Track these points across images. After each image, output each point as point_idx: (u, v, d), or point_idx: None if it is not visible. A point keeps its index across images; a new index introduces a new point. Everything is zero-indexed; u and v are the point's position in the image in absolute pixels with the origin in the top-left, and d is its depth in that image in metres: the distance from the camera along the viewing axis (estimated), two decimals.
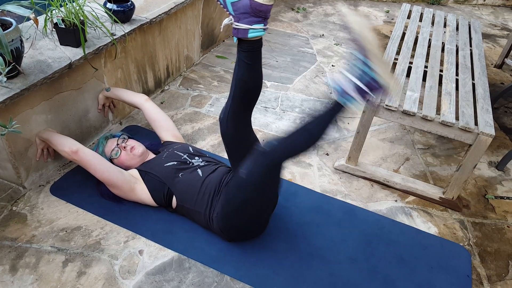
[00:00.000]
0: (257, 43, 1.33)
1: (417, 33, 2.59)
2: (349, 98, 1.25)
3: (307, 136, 1.31)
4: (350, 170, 2.05)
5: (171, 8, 2.32)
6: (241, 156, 1.53)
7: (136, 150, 1.76)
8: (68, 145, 1.64)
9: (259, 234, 1.66)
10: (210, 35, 3.01)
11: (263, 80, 2.79)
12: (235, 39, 1.32)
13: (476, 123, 1.76)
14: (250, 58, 1.34)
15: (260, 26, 1.28)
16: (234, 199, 1.46)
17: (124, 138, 1.81)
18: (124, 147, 1.76)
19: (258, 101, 2.56)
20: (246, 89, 1.40)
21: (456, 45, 2.49)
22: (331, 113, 1.29)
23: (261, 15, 1.25)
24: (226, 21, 1.31)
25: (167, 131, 1.94)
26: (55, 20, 1.79)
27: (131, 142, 1.79)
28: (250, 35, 1.28)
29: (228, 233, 1.57)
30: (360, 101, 1.25)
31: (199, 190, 1.59)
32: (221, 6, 1.31)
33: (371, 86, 1.21)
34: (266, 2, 1.23)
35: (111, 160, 1.76)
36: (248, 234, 1.63)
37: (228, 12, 1.30)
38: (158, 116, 1.96)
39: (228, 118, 1.47)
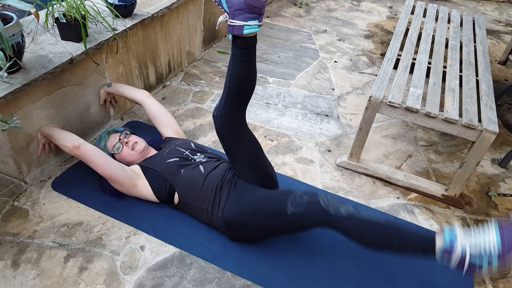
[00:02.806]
0: (252, 40, 1.32)
1: (421, 29, 2.58)
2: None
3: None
4: (352, 166, 2.04)
5: (173, 3, 2.31)
6: (238, 153, 1.54)
7: (138, 146, 1.75)
8: (70, 140, 1.64)
9: (262, 240, 1.64)
10: (212, 30, 3.00)
11: (265, 76, 2.82)
12: (230, 36, 1.33)
13: (479, 120, 1.75)
14: (245, 55, 1.34)
15: (255, 22, 1.27)
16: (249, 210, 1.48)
17: (126, 133, 1.81)
18: (126, 143, 1.76)
19: (260, 97, 2.56)
20: (241, 86, 1.40)
21: (460, 41, 2.47)
22: None
23: (256, 11, 1.25)
24: (221, 18, 1.30)
25: (169, 127, 1.94)
26: (56, 15, 1.78)
27: (134, 138, 1.78)
28: (246, 31, 1.27)
29: (235, 234, 1.57)
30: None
31: (201, 186, 1.59)
32: (216, 3, 1.32)
33: None
34: None
35: (112, 155, 1.76)
36: (254, 239, 1.62)
37: (223, 9, 1.31)
38: (160, 112, 1.96)
39: (222, 115, 1.47)
